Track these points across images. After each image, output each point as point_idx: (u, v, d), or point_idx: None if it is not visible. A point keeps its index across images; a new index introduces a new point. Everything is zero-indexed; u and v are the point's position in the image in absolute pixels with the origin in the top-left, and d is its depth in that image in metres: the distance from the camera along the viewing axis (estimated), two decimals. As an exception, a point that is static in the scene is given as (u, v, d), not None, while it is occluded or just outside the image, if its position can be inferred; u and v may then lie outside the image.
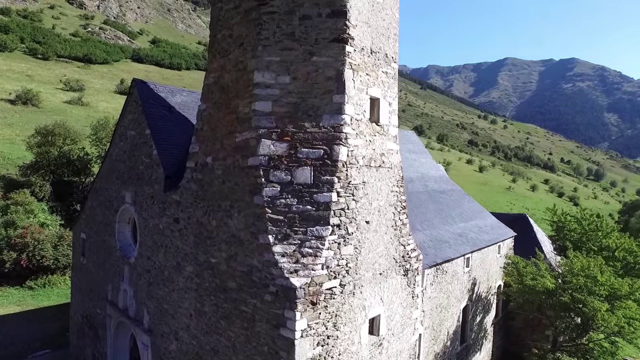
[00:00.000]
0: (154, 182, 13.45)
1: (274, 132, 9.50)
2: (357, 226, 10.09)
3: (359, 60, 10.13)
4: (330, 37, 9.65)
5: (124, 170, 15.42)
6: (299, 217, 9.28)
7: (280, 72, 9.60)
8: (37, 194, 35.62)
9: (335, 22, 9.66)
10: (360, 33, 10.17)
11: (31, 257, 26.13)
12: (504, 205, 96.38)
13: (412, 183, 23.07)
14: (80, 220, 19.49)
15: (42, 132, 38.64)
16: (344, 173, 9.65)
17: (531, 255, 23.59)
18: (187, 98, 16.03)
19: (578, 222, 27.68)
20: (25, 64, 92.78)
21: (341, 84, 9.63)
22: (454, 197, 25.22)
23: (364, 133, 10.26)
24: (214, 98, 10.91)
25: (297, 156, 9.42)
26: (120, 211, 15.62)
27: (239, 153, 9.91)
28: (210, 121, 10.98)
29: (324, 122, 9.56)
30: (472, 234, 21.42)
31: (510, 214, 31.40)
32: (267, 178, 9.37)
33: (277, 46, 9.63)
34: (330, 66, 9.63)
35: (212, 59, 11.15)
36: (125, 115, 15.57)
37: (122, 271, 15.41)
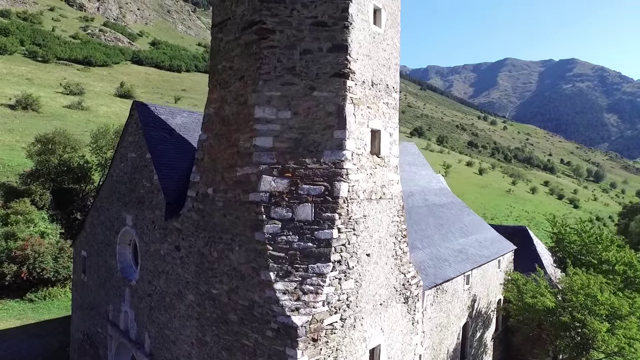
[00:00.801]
0: (155, 207, 13.46)
1: (275, 168, 9.51)
2: (357, 260, 10.11)
3: (360, 93, 10.15)
4: (331, 72, 9.67)
5: (124, 192, 15.43)
6: (300, 254, 9.30)
7: (281, 107, 9.61)
8: (37, 202, 35.62)
9: (336, 57, 9.67)
10: (361, 66, 10.18)
11: (31, 270, 26.13)
12: (503, 208, 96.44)
13: (412, 197, 23.10)
14: (81, 237, 19.49)
15: (42, 140, 38.63)
16: (345, 209, 9.67)
17: (531, 270, 23.60)
18: (187, 119, 16.04)
19: (578, 234, 27.67)
20: (25, 67, 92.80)
21: (342, 119, 9.65)
22: (454, 211, 25.23)
23: (364, 167, 10.28)
24: (214, 129, 10.92)
25: (298, 193, 9.43)
26: (121, 233, 15.64)
27: (240, 187, 9.92)
28: (210, 152, 10.99)
29: (325, 158, 9.58)
30: (472, 250, 21.43)
31: (510, 226, 31.42)
32: (268, 215, 9.38)
33: (278, 81, 9.64)
34: (331, 101, 9.65)
35: (212, 89, 11.16)
36: (126, 137, 15.58)
37: (123, 293, 15.42)
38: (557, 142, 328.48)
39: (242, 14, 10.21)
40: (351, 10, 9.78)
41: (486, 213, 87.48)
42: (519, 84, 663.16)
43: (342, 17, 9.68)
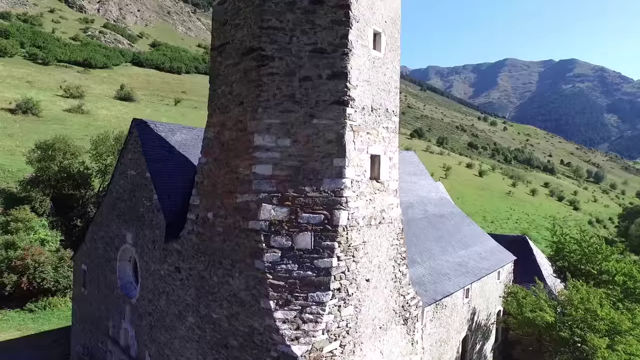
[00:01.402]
0: (155, 227, 13.47)
1: (275, 196, 9.52)
2: (357, 286, 10.12)
3: (360, 120, 10.16)
4: (330, 100, 9.68)
5: (124, 209, 15.44)
6: (299, 282, 9.31)
7: (281, 135, 9.62)
8: (37, 209, 35.65)
9: (335, 84, 9.68)
10: (361, 92, 10.19)
11: (32, 280, 26.14)
12: (504, 211, 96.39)
13: (412, 209, 23.11)
14: (81, 250, 19.49)
15: (42, 146, 38.63)
16: (345, 237, 9.68)
17: (531, 281, 23.62)
18: (186, 136, 16.05)
19: (578, 244, 27.67)
20: (25, 69, 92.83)
21: (342, 147, 9.66)
22: (454, 221, 25.24)
23: (364, 193, 10.29)
24: (214, 154, 10.92)
25: (297, 221, 9.44)
26: (121, 250, 15.65)
27: (240, 214, 9.93)
28: (210, 176, 11.00)
29: (325, 187, 9.59)
30: (472, 262, 21.44)
31: (509, 235, 31.42)
32: (268, 243, 9.39)
33: (278, 108, 9.65)
34: (330, 129, 9.66)
35: (212, 113, 11.17)
36: (126, 154, 15.59)
37: (124, 310, 15.43)
38: (557, 143, 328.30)
39: (242, 39, 10.22)
40: (351, 36, 9.79)
41: (486, 216, 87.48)
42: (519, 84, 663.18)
43: (341, 44, 9.69)
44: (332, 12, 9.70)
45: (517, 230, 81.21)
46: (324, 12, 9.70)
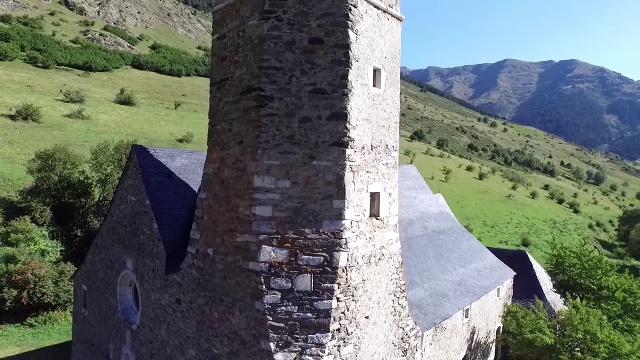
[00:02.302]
0: (155, 256, 13.49)
1: (275, 238, 9.55)
2: (356, 324, 10.15)
3: (359, 159, 10.18)
4: (330, 141, 9.70)
5: (124, 234, 15.47)
6: (299, 324, 9.34)
7: (280, 177, 9.64)
8: (37, 219, 35.67)
9: (335, 125, 9.70)
10: (361, 132, 10.21)
11: (32, 295, 26.16)
12: (504, 215, 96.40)
13: (412, 225, 23.13)
14: (81, 271, 19.51)
15: (43, 156, 38.64)
16: (344, 278, 9.70)
17: (530, 297, 23.68)
18: (187, 160, 16.07)
19: (578, 258, 27.68)
20: (25, 73, 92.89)
21: (341, 189, 9.68)
22: (454, 237, 25.26)
23: (364, 232, 10.31)
24: (214, 189, 10.95)
25: (297, 263, 9.47)
26: (122, 275, 15.67)
27: (240, 254, 9.95)
28: (210, 212, 11.02)
29: (324, 228, 9.61)
30: (472, 281, 21.46)
31: (509, 250, 31.44)
32: (268, 285, 9.42)
33: (277, 149, 9.67)
34: (330, 170, 9.68)
35: (211, 149, 11.19)
36: (126, 179, 15.61)
37: (124, 335, 15.46)
38: (557, 144, 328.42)
39: (241, 77, 10.24)
40: (350, 76, 9.82)
41: (486, 220, 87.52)
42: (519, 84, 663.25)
43: (341, 85, 9.71)
44: (331, 52, 9.72)
45: (517, 235, 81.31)
46: (324, 52, 9.72)
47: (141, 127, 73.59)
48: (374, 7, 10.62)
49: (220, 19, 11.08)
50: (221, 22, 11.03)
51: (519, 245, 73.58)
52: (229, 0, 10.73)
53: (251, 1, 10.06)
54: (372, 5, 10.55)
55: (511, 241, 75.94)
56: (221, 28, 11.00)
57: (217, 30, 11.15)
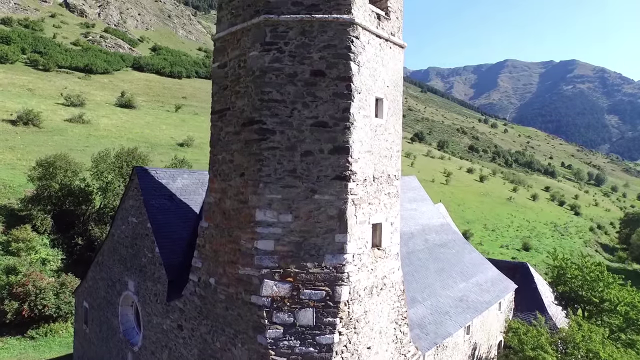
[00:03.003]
0: (157, 280, 13.47)
1: (277, 272, 9.52)
2: (358, 356, 10.12)
3: (362, 192, 10.15)
4: (332, 175, 9.66)
5: (126, 255, 15.45)
6: (301, 358, 9.31)
7: (282, 211, 9.61)
8: (38, 228, 35.67)
9: (337, 159, 9.66)
10: (363, 164, 10.18)
11: (33, 307, 26.14)
12: (504, 218, 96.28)
13: (413, 239, 23.10)
14: (83, 287, 19.50)
15: (44, 164, 38.64)
16: (346, 312, 9.67)
17: (532, 310, 23.65)
18: (187, 181, 16.04)
19: (579, 269, 27.60)
20: (26, 76, 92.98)
21: (343, 223, 9.65)
22: (455, 250, 25.22)
23: (366, 265, 10.28)
24: (215, 219, 10.91)
25: (299, 297, 9.44)
26: (123, 295, 15.66)
27: (242, 286, 9.93)
28: (212, 242, 10.99)
29: (326, 262, 9.58)
30: (473, 296, 21.43)
31: (511, 262, 31.38)
32: (270, 319, 9.39)
33: (279, 183, 9.64)
34: (332, 204, 9.64)
35: (213, 179, 11.15)
36: (127, 200, 15.59)
37: (126, 355, 15.44)
38: (558, 145, 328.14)
39: (242, 109, 10.20)
40: (352, 109, 9.78)
41: (487, 224, 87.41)
42: (519, 85, 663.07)
43: (343, 118, 9.67)
44: (333, 84, 9.69)
45: (518, 239, 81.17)
46: (326, 85, 9.68)
47: (142, 132, 73.65)
48: (377, 36, 10.59)
49: (221, 47, 11.04)
50: (222, 50, 11.00)
51: (520, 250, 73.51)
52: (230, 29, 10.70)
53: (252, 32, 10.03)
54: (375, 35, 10.52)
55: (512, 245, 75.84)
56: (222, 56, 10.97)
57: (218, 59, 11.11)
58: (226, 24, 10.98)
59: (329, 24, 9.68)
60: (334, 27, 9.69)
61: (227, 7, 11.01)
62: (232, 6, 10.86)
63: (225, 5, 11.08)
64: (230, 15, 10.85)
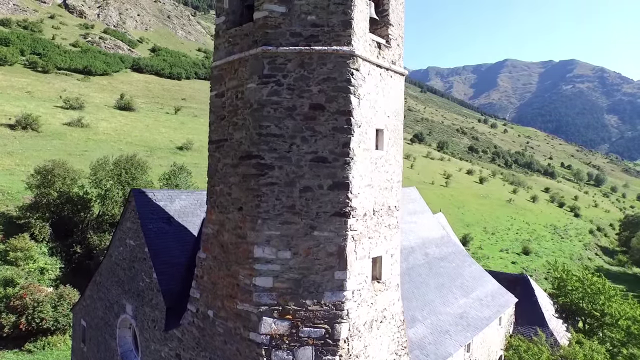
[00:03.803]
0: (155, 307, 13.31)
1: (276, 309, 9.37)
2: (358, 393, 9.98)
3: (361, 227, 9.99)
4: (331, 211, 9.51)
5: (124, 278, 15.29)
6: (300, 398, 9.16)
7: (281, 247, 9.46)
8: (36, 236, 35.53)
9: (337, 195, 9.50)
10: (363, 199, 10.02)
11: (30, 320, 25.97)
12: (504, 220, 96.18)
13: (413, 254, 22.96)
14: (80, 305, 19.34)
15: (42, 171, 38.48)
16: (346, 348, 9.53)
17: (532, 324, 23.57)
18: (186, 202, 15.88)
19: (580, 282, 27.53)
20: (25, 78, 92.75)
21: (343, 260, 9.50)
22: (455, 263, 25.08)
23: (365, 299, 10.13)
24: (213, 251, 10.76)
25: (298, 335, 9.29)
26: (121, 318, 15.50)
27: (240, 321, 9.78)
28: (210, 274, 10.83)
29: (326, 299, 9.43)
30: (473, 312, 21.29)
31: (511, 274, 31.22)
32: (269, 357, 9.26)
33: (277, 219, 9.48)
34: (331, 241, 9.49)
35: (211, 210, 10.99)
36: (124, 222, 15.43)
37: (122, 379, 15.29)
38: (558, 145, 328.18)
39: (240, 141, 10.03)
40: (352, 144, 9.62)
41: (487, 227, 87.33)
42: (519, 85, 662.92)
43: (343, 153, 9.51)
44: (333, 118, 9.52)
45: (517, 242, 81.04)
46: (325, 119, 9.52)
47: (141, 135, 73.47)
48: (377, 66, 10.43)
49: (219, 75, 10.87)
50: (219, 79, 10.83)
51: (519, 254, 73.35)
52: (228, 58, 10.53)
53: (250, 63, 9.87)
54: (375, 65, 10.36)
55: (512, 249, 75.72)
56: (219, 85, 10.80)
57: (215, 87, 10.95)
58: (223, 52, 10.81)
59: (329, 55, 9.52)
60: (334, 59, 9.53)
61: (225, 35, 10.84)
62: (229, 34, 10.70)
63: (223, 33, 10.91)
64: (228, 44, 10.68)
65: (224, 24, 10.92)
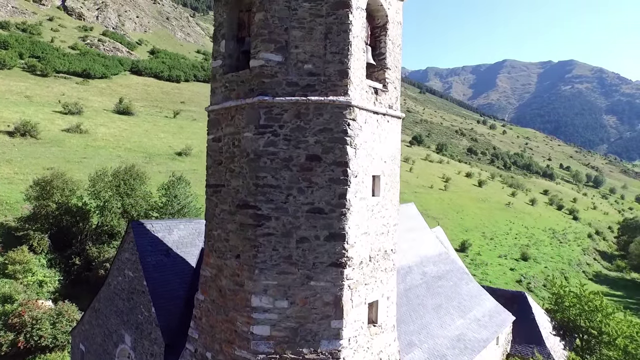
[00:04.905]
0: (153, 341, 13.39)
1: (273, 357, 9.47)
2: None
3: (357, 276, 10.07)
4: (328, 262, 9.59)
5: (123, 309, 15.36)
6: None
7: (278, 297, 9.54)
8: (35, 248, 35.56)
9: (333, 246, 9.58)
10: (359, 248, 10.10)
11: (29, 338, 25.98)
12: (503, 225, 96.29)
13: (411, 274, 23.03)
14: (79, 329, 19.42)
15: (41, 183, 38.50)
16: (342, 398, 9.61)
17: (530, 343, 23.67)
18: (184, 232, 15.95)
19: (577, 298, 27.64)
20: (24, 82, 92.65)
21: (339, 309, 9.58)
22: (453, 281, 25.16)
23: (362, 345, 10.22)
24: (212, 295, 10.84)
25: (295, 385, 9.37)
26: (120, 348, 15.58)
27: (238, 369, 9.86)
28: (208, 316, 10.91)
29: (322, 348, 9.52)
30: (471, 334, 21.38)
31: (509, 290, 31.33)
32: (265, 408, 9.33)
33: (275, 270, 9.56)
34: (328, 291, 9.57)
35: (208, 253, 11.06)
36: (123, 252, 15.49)
37: (120, 408, 15.36)
38: (557, 146, 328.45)
39: (237, 189, 10.10)
40: (349, 194, 9.69)
41: (485, 232, 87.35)
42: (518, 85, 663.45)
43: (339, 204, 9.59)
44: (329, 169, 9.60)
45: (516, 248, 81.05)
46: (322, 170, 9.59)
47: (139, 141, 73.42)
48: (374, 113, 10.50)
49: (215, 120, 10.94)
50: (216, 124, 10.90)
51: (518, 260, 73.40)
52: (224, 103, 10.60)
53: (247, 112, 9.94)
54: (372, 112, 10.43)
55: (510, 255, 75.76)
56: (216, 130, 10.87)
57: (212, 132, 11.01)
58: (220, 97, 10.87)
59: (325, 106, 9.59)
60: (330, 109, 9.60)
61: (221, 79, 10.90)
62: (226, 79, 10.76)
63: (219, 77, 10.98)
64: (224, 89, 10.74)
65: (221, 67, 10.98)
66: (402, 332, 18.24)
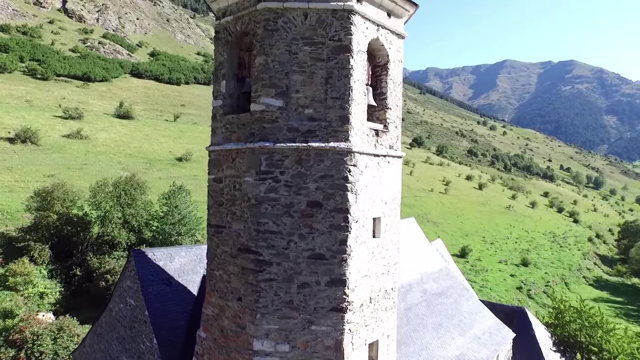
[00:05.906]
0: (154, 373, 13.48)
1: (274, 405, 9.54)
2: None
3: (358, 318, 10.15)
4: (329, 307, 9.67)
5: (125, 336, 15.45)
6: None
7: (280, 341, 9.63)
8: (35, 259, 35.64)
9: (334, 291, 9.66)
10: (360, 291, 10.18)
11: (30, 355, 26.08)
12: (503, 228, 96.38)
13: (411, 292, 23.11)
14: (80, 351, 19.50)
15: (41, 194, 38.59)
16: None
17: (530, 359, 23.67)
18: (185, 259, 16.02)
19: (578, 313, 27.73)
20: (24, 86, 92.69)
21: (340, 353, 9.67)
22: (453, 297, 25.25)
23: (362, 387, 10.30)
24: (214, 334, 10.92)
25: None
26: (120, 375, 15.66)
27: (239, 411, 9.95)
28: (210, 355, 11.01)
29: (323, 393, 9.59)
30: (471, 353, 21.48)
31: (508, 306, 31.42)
32: None
33: (276, 314, 9.64)
34: (329, 335, 9.66)
35: (210, 292, 11.14)
36: (124, 280, 15.58)
37: None
38: (557, 147, 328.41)
39: (238, 233, 10.17)
40: (350, 240, 9.77)
41: (486, 236, 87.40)
42: (518, 85, 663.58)
43: (340, 250, 9.67)
44: (330, 216, 9.67)
45: (516, 252, 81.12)
46: (322, 217, 9.67)
47: (140, 146, 73.44)
48: (374, 156, 10.58)
49: (216, 160, 11.00)
50: (217, 164, 10.96)
51: (518, 266, 73.44)
52: (225, 145, 10.66)
53: (248, 157, 10.00)
54: (372, 155, 10.50)
55: (511, 260, 75.80)
56: (217, 170, 10.94)
57: (213, 172, 11.08)
58: (220, 138, 10.94)
59: (326, 152, 9.67)
60: (331, 155, 9.67)
61: (222, 119, 10.97)
62: (226, 120, 10.83)
63: (220, 118, 11.04)
64: (225, 130, 10.81)
65: (221, 107, 11.05)
66: (402, 354, 18.34)
